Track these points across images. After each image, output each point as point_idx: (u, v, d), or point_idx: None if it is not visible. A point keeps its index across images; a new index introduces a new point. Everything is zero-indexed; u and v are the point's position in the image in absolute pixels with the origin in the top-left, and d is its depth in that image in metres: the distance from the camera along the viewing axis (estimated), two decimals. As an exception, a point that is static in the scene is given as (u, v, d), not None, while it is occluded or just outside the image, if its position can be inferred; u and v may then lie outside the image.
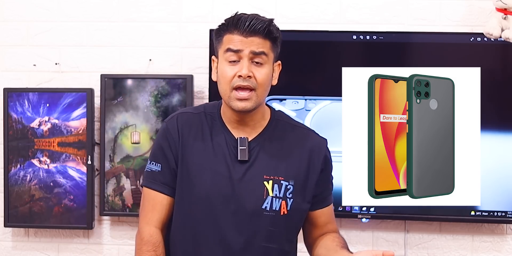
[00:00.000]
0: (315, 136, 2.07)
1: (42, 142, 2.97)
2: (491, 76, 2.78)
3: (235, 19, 1.97)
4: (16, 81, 3.05)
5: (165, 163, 2.00)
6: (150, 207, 2.01)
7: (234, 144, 1.98)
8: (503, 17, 2.63)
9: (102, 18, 3.03)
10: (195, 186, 1.97)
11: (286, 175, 1.97)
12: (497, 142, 2.76)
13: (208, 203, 1.96)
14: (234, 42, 1.94)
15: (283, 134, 2.02)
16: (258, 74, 1.93)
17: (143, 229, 2.00)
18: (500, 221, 2.82)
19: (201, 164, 1.97)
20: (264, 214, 1.94)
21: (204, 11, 2.98)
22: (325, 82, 2.85)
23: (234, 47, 1.93)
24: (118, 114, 2.95)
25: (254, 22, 1.95)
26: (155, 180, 2.01)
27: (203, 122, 2.02)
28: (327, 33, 2.88)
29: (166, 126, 2.03)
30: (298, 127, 2.07)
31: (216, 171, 1.95)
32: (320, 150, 2.05)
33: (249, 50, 1.93)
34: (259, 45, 1.94)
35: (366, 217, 2.81)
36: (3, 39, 3.07)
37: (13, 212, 2.98)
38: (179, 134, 2.00)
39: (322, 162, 2.04)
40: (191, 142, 1.99)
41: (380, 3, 2.92)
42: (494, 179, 2.75)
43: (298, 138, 2.03)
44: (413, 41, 2.85)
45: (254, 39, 1.94)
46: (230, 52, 1.93)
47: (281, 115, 2.09)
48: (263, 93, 1.96)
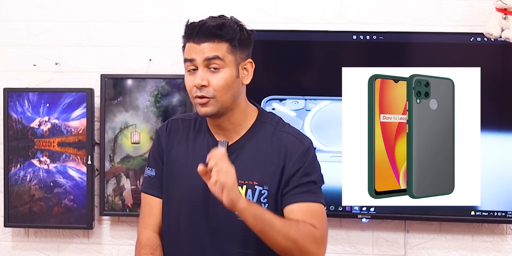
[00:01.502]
0: (293, 141, 1.97)
1: (42, 142, 2.97)
2: (491, 76, 2.77)
3: (187, 28, 1.95)
4: (16, 81, 3.05)
5: (158, 168, 2.04)
6: (146, 212, 2.04)
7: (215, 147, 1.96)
8: (503, 17, 2.63)
9: (102, 18, 3.03)
10: (174, 189, 2.00)
11: (260, 180, 1.93)
12: (497, 142, 2.75)
13: (186, 206, 1.98)
14: (188, 51, 1.94)
15: (264, 137, 1.97)
16: (214, 80, 1.91)
17: (141, 233, 2.03)
18: (500, 221, 2.82)
19: (181, 167, 1.99)
20: (238, 219, 1.88)
21: (204, 11, 2.97)
22: (325, 82, 2.85)
23: (188, 57, 1.93)
24: (118, 114, 2.95)
25: (202, 28, 1.92)
26: (150, 185, 2.04)
27: (190, 127, 2.04)
28: (327, 33, 2.87)
29: (157, 133, 2.09)
30: (280, 130, 1.99)
31: (194, 174, 1.91)
32: (293, 156, 1.95)
33: (202, 58, 1.91)
34: (212, 50, 1.91)
35: (366, 217, 2.81)
36: (3, 39, 3.07)
37: (13, 212, 2.98)
38: (166, 139, 2.04)
39: (296, 167, 1.94)
40: (175, 146, 2.02)
41: (380, 3, 2.92)
42: (494, 179, 2.75)
43: (277, 142, 1.97)
44: (413, 41, 2.85)
45: (207, 45, 1.91)
46: (187, 62, 1.94)
47: (268, 117, 2.03)
48: (224, 97, 1.92)
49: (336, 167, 2.77)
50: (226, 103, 1.93)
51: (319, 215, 1.96)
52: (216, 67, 1.92)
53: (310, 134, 2.81)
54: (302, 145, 1.97)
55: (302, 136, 2.01)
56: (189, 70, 1.94)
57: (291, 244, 1.84)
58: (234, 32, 1.96)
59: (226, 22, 1.96)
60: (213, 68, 1.91)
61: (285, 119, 2.82)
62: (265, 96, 2.84)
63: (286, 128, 2.01)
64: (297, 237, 1.85)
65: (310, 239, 1.88)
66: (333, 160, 2.78)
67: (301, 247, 1.86)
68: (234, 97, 1.95)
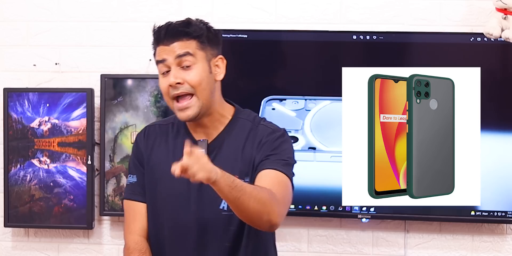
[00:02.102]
0: (266, 130, 2.01)
1: (42, 142, 2.97)
2: (491, 76, 2.77)
3: (154, 33, 2.01)
4: (16, 81, 3.05)
5: (139, 174, 2.06)
6: (131, 218, 2.06)
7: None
8: (503, 17, 2.63)
9: (102, 18, 3.03)
10: (157, 192, 2.03)
11: (241, 173, 1.96)
12: (497, 142, 2.75)
13: (168, 207, 2.01)
14: (159, 54, 1.98)
15: (241, 132, 2.01)
16: (188, 77, 1.94)
17: (127, 239, 2.06)
18: (500, 221, 2.82)
19: (162, 169, 2.00)
20: (223, 214, 1.95)
21: (204, 11, 2.97)
22: (325, 82, 2.85)
23: (159, 58, 1.97)
24: (118, 114, 2.95)
25: (169, 28, 1.97)
26: (133, 191, 2.07)
27: (168, 131, 2.07)
28: (327, 33, 2.87)
29: (136, 139, 2.12)
30: (257, 125, 2.03)
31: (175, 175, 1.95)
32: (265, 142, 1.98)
33: (173, 57, 1.94)
34: (182, 48, 1.95)
35: (366, 217, 2.81)
36: (3, 39, 3.07)
37: (13, 212, 2.98)
38: (145, 145, 2.06)
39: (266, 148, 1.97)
40: (155, 150, 2.05)
41: (380, 3, 2.92)
42: (494, 179, 2.75)
43: (254, 136, 2.01)
44: (413, 41, 2.85)
45: (176, 44, 1.95)
46: (159, 64, 1.97)
47: (245, 114, 2.07)
48: (203, 93, 1.95)
49: (336, 167, 2.78)
50: (206, 100, 1.96)
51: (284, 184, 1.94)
52: (188, 64, 1.95)
53: (310, 134, 2.81)
54: (275, 132, 2.01)
55: (276, 127, 2.05)
56: (162, 72, 1.97)
57: (261, 206, 1.82)
58: (201, 30, 1.99)
59: (191, 21, 2.00)
60: (186, 66, 1.95)
61: (285, 119, 2.84)
62: (265, 96, 2.84)
63: (262, 122, 2.06)
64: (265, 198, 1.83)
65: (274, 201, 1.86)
66: (333, 160, 2.78)
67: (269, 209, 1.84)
68: (211, 93, 1.98)
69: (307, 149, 2.80)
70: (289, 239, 2.94)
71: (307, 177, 2.80)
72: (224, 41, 2.82)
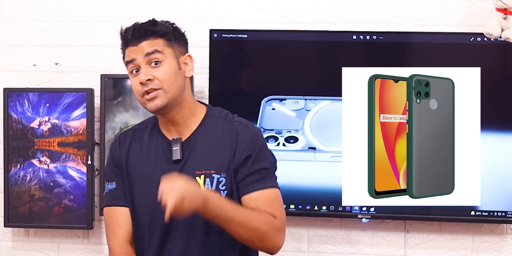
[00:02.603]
0: (242, 128, 2.06)
1: (42, 142, 2.97)
2: (491, 76, 2.77)
3: (121, 35, 2.05)
4: (16, 81, 3.05)
5: (118, 180, 2.09)
6: (113, 224, 2.08)
7: (169, 147, 2.04)
8: (503, 17, 2.63)
9: (102, 18, 3.03)
10: (134, 193, 2.06)
11: (217, 169, 2.00)
12: (497, 142, 2.75)
13: (148, 208, 2.03)
14: (128, 54, 2.02)
15: (215, 129, 2.05)
16: (158, 73, 1.99)
17: (112, 245, 2.07)
18: (500, 221, 2.82)
19: (140, 173, 2.05)
20: None
21: (204, 11, 2.98)
22: (325, 82, 2.85)
23: (128, 59, 2.02)
24: (118, 114, 2.95)
25: (136, 28, 2.02)
26: (114, 197, 2.09)
27: (143, 135, 2.11)
28: (327, 33, 2.87)
29: (111, 148, 2.16)
30: (229, 121, 2.08)
31: (152, 176, 2.02)
32: (243, 141, 2.03)
33: (142, 55, 1.99)
34: (150, 46, 2.00)
35: (366, 217, 2.81)
36: (3, 39, 3.07)
37: (13, 212, 2.98)
38: (120, 152, 2.10)
39: (246, 151, 2.01)
40: (130, 155, 2.08)
41: (380, 3, 2.92)
42: (494, 179, 2.75)
43: (228, 131, 2.05)
44: (413, 41, 2.85)
45: (144, 44, 2.00)
46: (129, 65, 2.02)
47: (217, 111, 2.11)
48: (171, 87, 1.99)
49: (336, 167, 2.78)
50: (175, 94, 2.00)
51: (277, 202, 2.02)
52: (157, 61, 1.99)
53: (310, 134, 2.81)
54: (252, 131, 2.05)
55: (251, 124, 2.10)
56: (131, 71, 2.02)
57: (252, 234, 1.93)
58: (167, 28, 2.04)
59: (157, 21, 2.05)
60: (154, 63, 1.99)
61: (285, 119, 2.84)
62: (265, 96, 2.84)
63: (235, 118, 2.10)
64: (258, 228, 1.93)
65: (270, 229, 1.95)
66: (333, 160, 2.78)
67: (262, 237, 1.94)
68: (181, 88, 2.02)
69: (307, 149, 2.80)
70: (289, 239, 2.94)
71: (307, 177, 2.80)
72: (224, 41, 2.85)
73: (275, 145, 2.79)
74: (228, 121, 2.07)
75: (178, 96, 2.01)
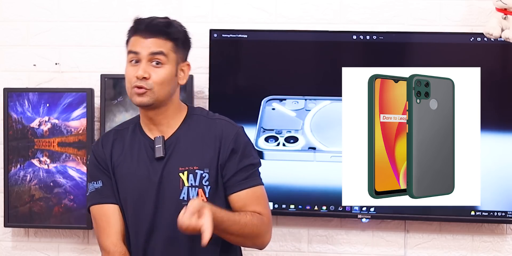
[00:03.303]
0: (225, 124, 2.10)
1: (42, 142, 2.97)
2: (491, 76, 2.77)
3: (135, 22, 2.06)
4: (16, 81, 3.05)
5: (104, 178, 2.10)
6: (104, 223, 2.09)
7: (151, 145, 2.07)
8: (503, 17, 2.63)
9: (102, 18, 3.03)
10: (121, 194, 2.08)
11: (200, 164, 2.03)
12: (497, 142, 2.75)
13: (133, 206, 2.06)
14: (134, 44, 2.04)
15: (197, 127, 2.08)
16: (155, 74, 2.01)
17: (105, 244, 2.07)
18: (500, 221, 2.82)
19: (125, 172, 2.07)
20: (183, 204, 1.97)
21: (204, 11, 2.98)
22: (325, 82, 2.85)
23: (133, 49, 2.03)
24: (118, 114, 2.95)
25: (152, 23, 2.03)
26: (101, 195, 2.10)
27: (124, 135, 2.13)
28: (327, 33, 2.87)
29: (93, 149, 2.16)
30: (210, 119, 2.11)
31: (135, 174, 2.05)
32: (228, 137, 2.06)
33: (147, 52, 2.01)
34: (158, 46, 2.01)
35: (366, 217, 2.81)
36: (3, 39, 3.07)
37: (13, 212, 2.98)
38: (104, 152, 2.11)
39: (231, 147, 2.05)
40: (115, 156, 2.10)
41: (380, 3, 2.92)
42: (494, 179, 2.75)
43: (210, 128, 2.07)
44: (413, 41, 2.84)
45: (154, 40, 2.02)
46: (131, 54, 2.04)
47: (198, 110, 2.15)
48: (160, 91, 2.01)
49: (336, 167, 2.77)
50: (162, 97, 2.02)
51: (263, 199, 2.08)
52: (159, 62, 2.01)
53: (310, 134, 2.81)
54: (235, 127, 2.10)
55: (233, 122, 2.13)
56: (131, 60, 2.04)
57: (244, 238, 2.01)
58: (179, 33, 2.07)
59: (173, 22, 2.07)
60: (156, 63, 2.01)
61: (285, 119, 2.84)
62: (265, 96, 2.84)
63: (216, 116, 2.14)
64: (251, 232, 2.00)
65: (261, 229, 2.03)
66: (333, 160, 2.78)
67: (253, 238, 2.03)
68: (170, 93, 2.05)
69: (307, 149, 2.80)
70: (289, 239, 2.94)
71: (307, 177, 2.80)
72: (224, 41, 2.85)
73: (275, 145, 2.79)
74: (210, 119, 2.11)
75: (165, 100, 2.05)
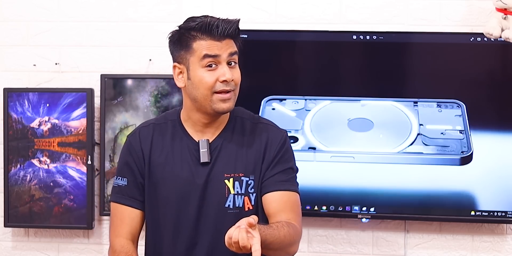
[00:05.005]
0: (272, 129, 2.06)
1: (42, 142, 2.97)
2: (491, 76, 2.78)
3: (204, 25, 1.96)
4: (16, 81, 3.05)
5: (131, 177, 2.05)
6: (118, 221, 2.06)
7: (195, 148, 2.01)
8: (503, 17, 2.63)
9: (102, 18, 3.03)
10: (157, 193, 2.02)
11: (245, 171, 1.99)
12: (497, 142, 2.76)
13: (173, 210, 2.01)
14: (210, 48, 1.95)
15: (242, 131, 2.03)
16: (236, 75, 1.97)
17: (113, 242, 2.05)
18: (500, 221, 2.82)
19: (166, 172, 2.02)
20: (229, 212, 1.96)
21: (204, 11, 2.97)
22: (325, 82, 2.85)
23: (211, 53, 1.94)
24: (118, 114, 2.95)
25: (225, 25, 1.96)
26: (122, 194, 2.06)
27: (164, 132, 2.06)
28: (327, 33, 2.87)
29: (129, 141, 2.08)
30: (256, 123, 2.07)
31: (179, 176, 1.99)
32: (274, 141, 2.03)
33: (227, 54, 1.95)
34: (233, 46, 1.98)
35: (366, 217, 2.81)
36: (3, 39, 3.07)
37: (13, 212, 2.98)
38: (142, 147, 2.04)
39: (276, 151, 2.01)
40: (154, 153, 2.04)
41: (380, 3, 2.92)
42: (494, 179, 2.75)
43: (256, 133, 2.04)
44: (413, 41, 2.85)
45: (228, 42, 1.96)
46: (208, 58, 1.95)
47: (240, 112, 2.10)
48: (237, 91, 1.99)
49: (336, 167, 2.78)
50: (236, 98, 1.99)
51: (297, 206, 2.03)
52: (235, 62, 1.98)
53: (310, 134, 2.81)
54: (281, 132, 2.06)
55: (278, 126, 2.09)
56: (209, 65, 1.95)
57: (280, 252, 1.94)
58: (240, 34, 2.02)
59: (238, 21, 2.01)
60: (233, 63, 1.97)
61: (285, 119, 2.85)
62: (265, 96, 2.84)
63: (261, 119, 2.10)
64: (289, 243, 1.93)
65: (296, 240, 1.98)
66: (333, 160, 2.78)
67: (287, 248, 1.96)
68: None
69: (307, 149, 2.80)
70: (289, 239, 2.94)
71: (307, 177, 2.80)
72: (224, 41, 2.84)
73: (275, 145, 2.79)
74: (254, 123, 2.06)
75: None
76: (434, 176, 2.75)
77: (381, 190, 2.76)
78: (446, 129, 2.77)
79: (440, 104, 2.79)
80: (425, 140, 2.76)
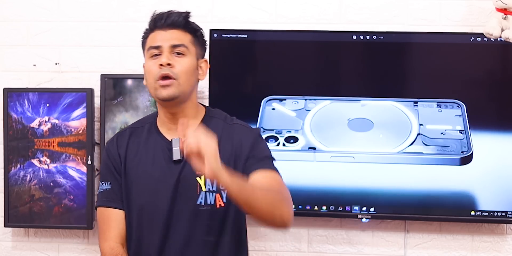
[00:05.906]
0: (244, 129, 2.10)
1: (42, 142, 2.97)
2: (491, 76, 2.78)
3: (153, 17, 2.08)
4: (16, 81, 3.05)
5: (113, 180, 2.10)
6: (105, 226, 2.09)
7: (168, 147, 2.05)
8: (503, 17, 2.63)
9: (102, 18, 3.03)
10: (134, 194, 2.07)
11: None
12: (497, 142, 2.75)
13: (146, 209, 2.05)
14: (153, 39, 2.04)
15: (215, 131, 2.04)
16: (178, 64, 2.01)
17: (103, 246, 2.08)
18: (500, 221, 2.81)
19: (139, 173, 2.06)
20: (200, 209, 1.99)
21: (204, 11, 2.98)
22: (325, 82, 2.85)
23: (154, 44, 2.03)
24: (118, 114, 2.95)
25: (170, 16, 2.04)
26: (107, 198, 2.10)
27: (139, 134, 2.12)
28: (327, 33, 2.87)
29: (108, 147, 2.16)
30: (230, 124, 2.11)
31: (151, 175, 2.04)
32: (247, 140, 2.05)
33: (169, 44, 2.01)
34: (179, 38, 2.02)
35: (366, 217, 2.81)
36: (3, 39, 3.07)
37: (13, 212, 2.98)
38: (118, 152, 2.11)
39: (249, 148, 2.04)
40: (129, 155, 2.09)
41: (380, 3, 2.92)
42: (494, 179, 2.75)
43: (229, 133, 2.07)
44: (413, 41, 2.84)
45: (174, 32, 2.03)
46: (152, 50, 2.03)
47: (216, 113, 2.14)
48: (186, 82, 2.02)
49: (336, 167, 2.78)
50: (187, 89, 2.02)
51: (280, 181, 2.03)
52: (181, 52, 2.02)
53: (310, 134, 2.81)
54: (253, 132, 2.10)
55: (250, 127, 2.14)
56: (152, 55, 2.03)
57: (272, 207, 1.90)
58: (197, 27, 2.10)
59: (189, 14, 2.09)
60: (178, 53, 2.02)
61: (285, 119, 2.85)
62: (265, 96, 2.84)
63: (234, 120, 2.13)
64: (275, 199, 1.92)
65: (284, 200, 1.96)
66: (333, 160, 2.78)
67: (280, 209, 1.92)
68: (192, 86, 2.06)
69: (307, 149, 2.80)
70: (289, 239, 2.94)
71: (307, 177, 2.80)
72: (224, 41, 2.85)
73: (275, 145, 2.79)
74: (228, 124, 2.10)
75: (188, 93, 2.04)
76: (434, 176, 2.75)
77: (381, 190, 2.76)
78: (446, 129, 2.77)
79: (440, 104, 2.79)
80: (425, 140, 2.76)
